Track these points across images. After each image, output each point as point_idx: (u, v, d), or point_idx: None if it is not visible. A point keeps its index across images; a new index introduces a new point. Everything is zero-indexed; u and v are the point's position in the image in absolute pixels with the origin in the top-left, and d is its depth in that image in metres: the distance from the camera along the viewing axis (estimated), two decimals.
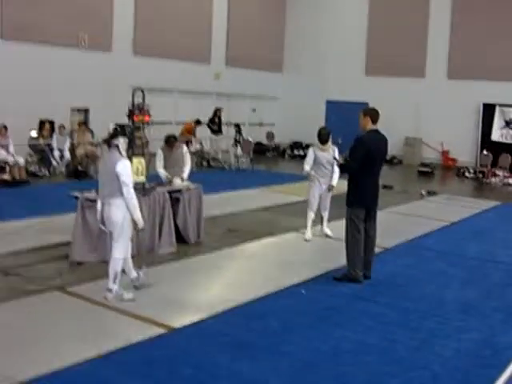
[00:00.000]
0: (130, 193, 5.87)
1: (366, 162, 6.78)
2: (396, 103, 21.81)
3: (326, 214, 9.28)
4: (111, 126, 6.12)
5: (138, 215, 5.99)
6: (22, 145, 14.26)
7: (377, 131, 6.97)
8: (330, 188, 9.06)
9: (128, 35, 18.32)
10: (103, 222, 6.09)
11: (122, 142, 5.98)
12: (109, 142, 6.02)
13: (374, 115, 6.93)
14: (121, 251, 5.99)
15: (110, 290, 5.95)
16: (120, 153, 5.95)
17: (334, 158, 8.29)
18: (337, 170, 8.69)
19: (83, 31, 16.82)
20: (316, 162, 8.94)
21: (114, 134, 5.99)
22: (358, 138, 6.90)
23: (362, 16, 22.97)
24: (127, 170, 5.88)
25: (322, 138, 8.94)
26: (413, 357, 5.07)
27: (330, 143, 8.98)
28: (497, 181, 18.06)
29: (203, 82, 20.67)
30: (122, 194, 5.86)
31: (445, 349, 5.25)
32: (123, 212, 5.91)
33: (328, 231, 9.24)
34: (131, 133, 6.24)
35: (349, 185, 7.04)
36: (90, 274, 6.76)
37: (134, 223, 6.02)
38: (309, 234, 9.11)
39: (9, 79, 14.94)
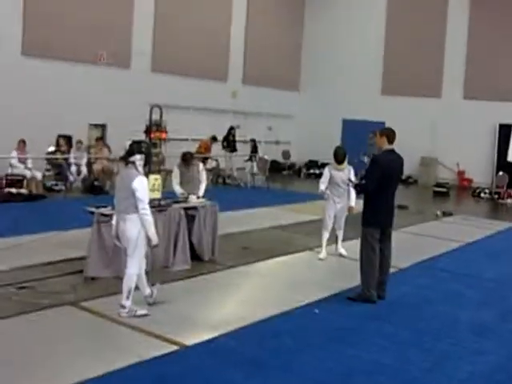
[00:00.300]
0: (145, 209, 5.92)
1: (382, 182, 6.78)
2: (412, 123, 21.80)
3: (340, 234, 9.27)
4: (128, 143, 6.16)
5: (152, 232, 6.02)
6: (40, 158, 14.44)
7: (393, 151, 6.97)
8: (350, 210, 9.05)
9: (146, 53, 18.55)
10: (118, 238, 6.14)
11: (138, 158, 6.04)
12: (126, 158, 6.09)
13: (390, 135, 6.97)
14: (135, 267, 6.01)
15: (123, 306, 5.96)
16: (137, 169, 6.02)
17: (349, 180, 8.33)
18: (353, 190, 8.71)
19: (102, 48, 17.07)
20: (331, 181, 8.95)
21: (131, 151, 6.06)
22: (374, 159, 6.92)
23: (378, 36, 23.09)
24: (143, 187, 5.93)
25: (338, 157, 8.95)
26: (426, 378, 5.02)
27: (346, 163, 9.00)
28: None
29: (220, 99, 20.83)
30: (137, 210, 5.91)
31: (458, 371, 5.19)
32: (138, 228, 5.95)
33: (342, 251, 9.22)
34: (148, 149, 6.27)
35: (365, 204, 7.04)
36: (104, 289, 6.79)
37: (148, 239, 6.05)
38: (323, 253, 9.09)
39: (28, 94, 15.19)
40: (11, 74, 14.94)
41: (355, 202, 8.93)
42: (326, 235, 9.13)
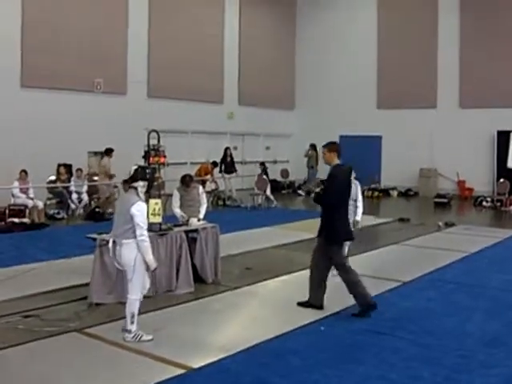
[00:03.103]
0: (143, 235, 5.91)
1: (341, 194, 6.97)
2: (409, 135, 21.90)
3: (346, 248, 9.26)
4: (133, 168, 6.18)
5: (150, 257, 6.00)
6: (42, 187, 14.49)
7: (342, 165, 7.16)
8: (355, 223, 9.00)
9: (142, 79, 18.69)
10: (118, 261, 6.11)
11: (141, 185, 6.07)
12: (128, 183, 6.09)
13: (339, 150, 7.14)
14: (136, 292, 5.99)
15: (128, 331, 5.95)
16: (138, 195, 6.03)
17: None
18: (360, 205, 8.86)
19: (98, 76, 17.20)
20: None
21: (135, 177, 6.07)
22: (332, 173, 7.06)
23: (371, 50, 23.25)
24: (143, 213, 5.94)
25: None
26: None
27: (352, 178, 8.99)
28: None
29: (217, 122, 20.93)
30: (134, 235, 5.89)
31: None
32: (135, 253, 5.93)
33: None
34: (152, 175, 6.31)
35: (327, 221, 7.04)
36: (108, 315, 6.77)
37: (147, 264, 6.03)
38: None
39: (28, 125, 15.32)
40: (11, 106, 15.11)
41: (361, 216, 8.97)
42: None
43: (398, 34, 22.64)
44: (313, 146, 21.63)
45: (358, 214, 8.92)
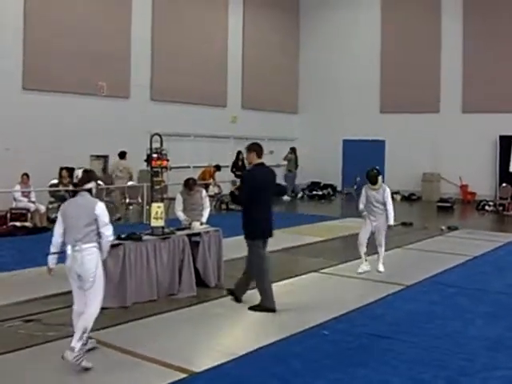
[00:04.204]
0: (111, 235, 5.80)
1: (254, 194, 7.11)
2: (412, 140, 21.89)
3: (381, 251, 9.41)
4: (80, 172, 6.10)
5: (104, 258, 5.94)
6: (43, 190, 14.48)
7: (263, 164, 7.38)
8: (390, 227, 9.28)
9: (145, 82, 18.71)
10: (76, 273, 5.76)
11: (94, 186, 5.88)
12: (80, 185, 5.85)
13: (258, 150, 7.40)
14: (98, 304, 5.67)
15: (72, 349, 5.29)
16: (92, 196, 5.83)
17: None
18: (390, 209, 9.08)
19: (102, 79, 17.23)
20: (368, 200, 9.20)
21: (86, 179, 5.86)
22: (245, 173, 7.37)
23: (374, 54, 23.26)
24: (105, 212, 5.75)
25: (370, 179, 9.19)
26: None
27: (380, 183, 9.19)
28: None
29: (220, 125, 20.94)
30: (96, 238, 5.66)
31: None
32: (97, 258, 5.70)
33: (381, 268, 9.32)
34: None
35: (243, 218, 7.31)
36: (110, 319, 6.75)
37: None
38: (363, 266, 9.25)
39: (30, 128, 15.33)
40: (13, 109, 15.11)
41: (393, 220, 9.21)
42: (363, 250, 9.32)
43: (400, 39, 22.63)
44: (292, 150, 21.82)
45: (389, 218, 9.15)
